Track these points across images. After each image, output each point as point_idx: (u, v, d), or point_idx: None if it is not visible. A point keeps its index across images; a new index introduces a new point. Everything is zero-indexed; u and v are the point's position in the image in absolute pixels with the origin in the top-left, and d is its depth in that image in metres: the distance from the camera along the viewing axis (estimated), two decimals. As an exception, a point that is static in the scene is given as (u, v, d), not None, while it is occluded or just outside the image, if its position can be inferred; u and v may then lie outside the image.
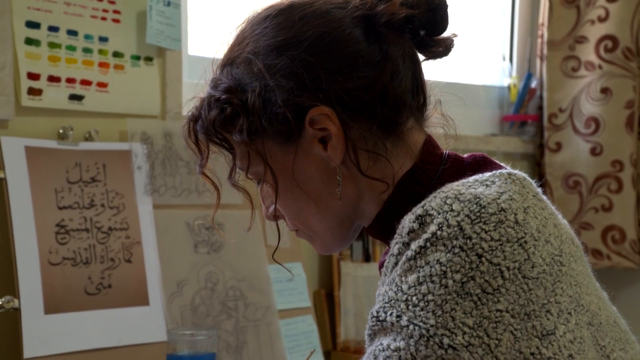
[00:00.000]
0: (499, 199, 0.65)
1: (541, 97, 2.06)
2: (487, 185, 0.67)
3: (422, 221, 0.65)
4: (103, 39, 1.39)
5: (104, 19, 1.38)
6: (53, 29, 1.33)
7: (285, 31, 0.73)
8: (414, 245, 0.65)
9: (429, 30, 0.76)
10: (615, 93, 1.97)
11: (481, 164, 0.74)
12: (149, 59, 1.44)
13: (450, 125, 0.79)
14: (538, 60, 2.08)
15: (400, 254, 0.66)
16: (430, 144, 0.76)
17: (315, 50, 0.72)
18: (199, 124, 0.77)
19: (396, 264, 0.66)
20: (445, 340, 0.61)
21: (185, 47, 1.54)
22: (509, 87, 2.11)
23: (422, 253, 0.64)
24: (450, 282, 0.62)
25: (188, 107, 0.80)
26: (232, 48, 0.77)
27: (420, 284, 0.63)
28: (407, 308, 0.63)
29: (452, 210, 0.64)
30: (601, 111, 1.98)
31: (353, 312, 1.62)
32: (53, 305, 1.23)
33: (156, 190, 1.40)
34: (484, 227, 0.63)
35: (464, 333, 0.61)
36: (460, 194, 0.65)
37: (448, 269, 0.62)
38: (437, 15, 0.75)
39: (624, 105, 1.97)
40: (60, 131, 1.32)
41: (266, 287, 1.47)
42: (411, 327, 0.62)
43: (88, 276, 1.28)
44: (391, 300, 0.64)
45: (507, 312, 0.62)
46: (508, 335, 0.62)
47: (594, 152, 1.99)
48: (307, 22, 0.73)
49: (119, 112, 1.40)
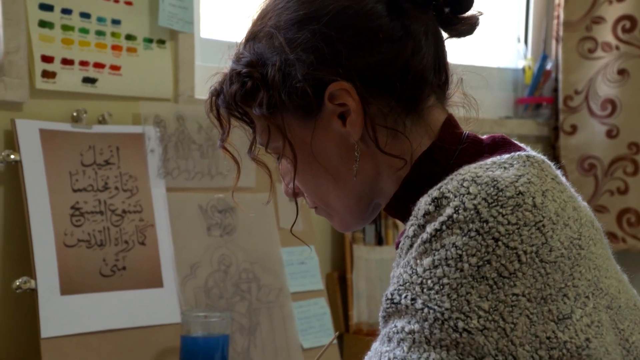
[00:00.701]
0: (516, 182, 0.64)
1: (556, 79, 2.03)
2: (504, 168, 0.66)
3: (438, 203, 0.64)
4: (116, 22, 1.38)
5: (116, 1, 1.38)
6: (66, 11, 1.33)
7: (306, 5, 0.73)
8: (429, 228, 0.64)
9: (454, 8, 0.75)
10: (632, 74, 1.94)
11: (500, 145, 0.74)
12: (161, 42, 1.44)
13: (472, 105, 0.78)
14: (553, 42, 2.05)
15: (415, 236, 0.65)
16: (450, 123, 0.75)
17: (337, 25, 0.71)
18: (221, 98, 0.77)
19: (411, 246, 0.66)
20: (460, 324, 0.60)
21: (198, 30, 1.53)
22: (523, 69, 2.09)
23: (437, 236, 0.63)
24: (466, 265, 0.62)
25: (201, 90, 0.80)
26: (255, 23, 0.77)
27: (436, 267, 0.63)
28: (422, 291, 0.62)
29: (468, 193, 0.64)
30: (618, 93, 1.95)
31: (366, 295, 1.62)
32: (69, 286, 1.24)
33: (169, 173, 1.40)
34: (501, 210, 0.63)
35: (479, 317, 0.61)
36: (478, 177, 0.65)
37: (464, 253, 0.62)
38: None
39: (641, 86, 1.94)
40: (74, 114, 1.32)
41: (279, 270, 1.47)
42: (426, 310, 0.62)
43: (103, 258, 1.29)
44: (406, 283, 0.64)
45: (524, 296, 0.61)
46: (524, 320, 0.61)
47: (610, 134, 1.97)
48: None
49: (131, 95, 1.40)
